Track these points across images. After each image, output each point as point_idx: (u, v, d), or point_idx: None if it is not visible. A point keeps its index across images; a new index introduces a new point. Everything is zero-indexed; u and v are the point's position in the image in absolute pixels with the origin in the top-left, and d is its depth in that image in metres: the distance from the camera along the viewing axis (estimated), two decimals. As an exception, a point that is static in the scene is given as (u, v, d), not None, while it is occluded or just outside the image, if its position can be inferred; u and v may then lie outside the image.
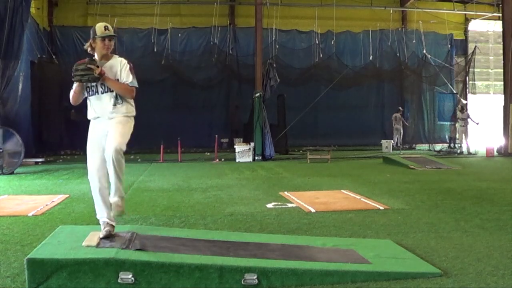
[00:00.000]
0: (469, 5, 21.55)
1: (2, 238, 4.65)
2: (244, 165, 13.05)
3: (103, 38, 4.10)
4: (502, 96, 16.61)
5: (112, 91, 4.21)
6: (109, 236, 3.83)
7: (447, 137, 20.05)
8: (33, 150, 14.24)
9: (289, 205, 6.62)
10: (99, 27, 4.12)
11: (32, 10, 14.84)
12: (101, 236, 3.83)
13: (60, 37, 19.19)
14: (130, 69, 4.23)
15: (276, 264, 3.48)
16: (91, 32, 4.14)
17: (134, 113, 4.33)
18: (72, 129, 18.49)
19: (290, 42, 20.69)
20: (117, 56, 4.27)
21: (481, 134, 21.12)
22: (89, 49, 4.19)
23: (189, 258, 3.46)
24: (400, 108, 20.28)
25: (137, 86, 4.20)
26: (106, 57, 4.17)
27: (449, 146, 18.51)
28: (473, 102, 22.56)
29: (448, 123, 21.21)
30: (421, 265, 3.70)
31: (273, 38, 19.25)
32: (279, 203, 6.71)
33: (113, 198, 4.07)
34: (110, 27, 4.14)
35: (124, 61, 4.25)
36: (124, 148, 4.10)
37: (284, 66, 18.89)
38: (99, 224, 4.01)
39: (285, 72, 18.52)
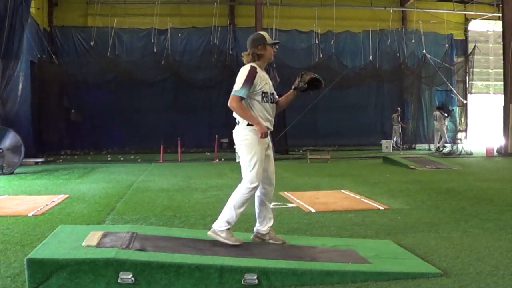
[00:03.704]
0: (469, 5, 21.55)
1: (2, 238, 4.65)
2: (244, 165, 13.02)
3: (273, 45, 4.16)
4: (502, 96, 16.60)
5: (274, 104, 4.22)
6: None
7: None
8: (33, 150, 14.22)
9: (289, 205, 6.62)
10: (266, 34, 4.16)
11: (32, 10, 14.84)
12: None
13: (60, 37, 19.20)
14: None
15: (276, 264, 3.48)
16: (256, 40, 4.13)
17: None
18: (72, 129, 18.56)
19: (290, 42, 20.67)
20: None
21: (481, 134, 21.19)
22: (248, 57, 4.12)
23: (189, 258, 3.46)
24: (398, 108, 20.26)
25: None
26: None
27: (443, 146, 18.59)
28: (472, 101, 22.63)
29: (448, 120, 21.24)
30: (421, 265, 3.70)
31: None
32: (279, 203, 6.71)
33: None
34: None
35: None
36: None
37: (284, 66, 18.88)
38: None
39: (285, 72, 18.51)
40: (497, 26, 20.47)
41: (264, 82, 4.09)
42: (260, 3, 15.23)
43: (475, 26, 23.00)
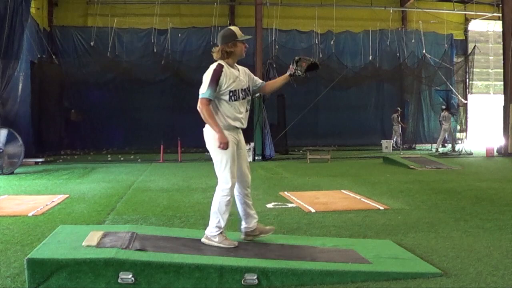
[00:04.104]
0: (469, 5, 21.53)
1: (2, 238, 4.65)
2: (244, 165, 13.03)
3: (243, 42, 4.06)
4: (502, 96, 16.60)
5: (248, 98, 4.14)
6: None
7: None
8: (33, 150, 14.23)
9: (289, 205, 6.62)
10: (237, 30, 4.04)
11: (32, 10, 14.82)
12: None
13: (60, 37, 19.18)
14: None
15: (276, 264, 3.48)
16: (227, 36, 4.01)
17: None
18: (72, 129, 18.56)
19: (290, 42, 20.67)
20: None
21: (481, 134, 21.18)
22: (218, 55, 4.01)
23: (189, 258, 3.46)
24: (398, 108, 20.25)
25: None
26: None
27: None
28: (472, 101, 22.62)
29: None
30: (421, 265, 3.70)
31: (273, 38, 19.24)
32: (279, 203, 6.72)
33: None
34: None
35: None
36: None
37: (284, 66, 18.77)
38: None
39: (285, 72, 18.45)
40: (497, 26, 20.45)
41: (232, 80, 3.97)
42: (260, 3, 15.20)
43: (475, 26, 22.98)
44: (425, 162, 12.56)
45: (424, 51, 20.63)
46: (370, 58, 20.56)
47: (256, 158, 14.58)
